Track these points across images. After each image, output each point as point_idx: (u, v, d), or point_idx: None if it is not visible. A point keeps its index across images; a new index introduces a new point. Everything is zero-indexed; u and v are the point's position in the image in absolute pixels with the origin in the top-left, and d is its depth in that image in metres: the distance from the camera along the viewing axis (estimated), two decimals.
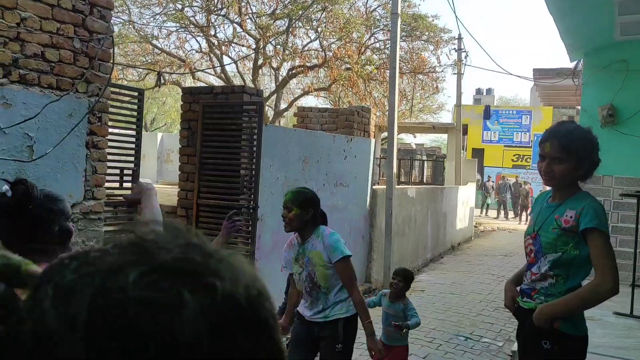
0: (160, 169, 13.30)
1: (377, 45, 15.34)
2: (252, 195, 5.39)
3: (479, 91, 36.62)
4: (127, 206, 4.39)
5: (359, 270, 7.93)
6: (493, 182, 24.10)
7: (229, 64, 15.92)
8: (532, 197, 22.96)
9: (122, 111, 4.85)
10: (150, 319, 0.42)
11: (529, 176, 24.38)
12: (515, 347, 4.05)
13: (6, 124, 3.28)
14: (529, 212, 21.15)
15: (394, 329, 4.07)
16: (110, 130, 4.17)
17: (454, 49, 16.82)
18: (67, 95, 3.62)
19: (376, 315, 4.22)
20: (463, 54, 16.85)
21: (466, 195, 14.51)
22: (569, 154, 2.31)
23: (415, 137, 21.94)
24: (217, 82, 16.05)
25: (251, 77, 15.22)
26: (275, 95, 16.07)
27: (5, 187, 1.74)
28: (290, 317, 3.51)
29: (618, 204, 6.62)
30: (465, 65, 16.93)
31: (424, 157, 27.46)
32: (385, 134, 18.89)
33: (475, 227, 16.40)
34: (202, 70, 15.51)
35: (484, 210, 21.93)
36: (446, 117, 40.64)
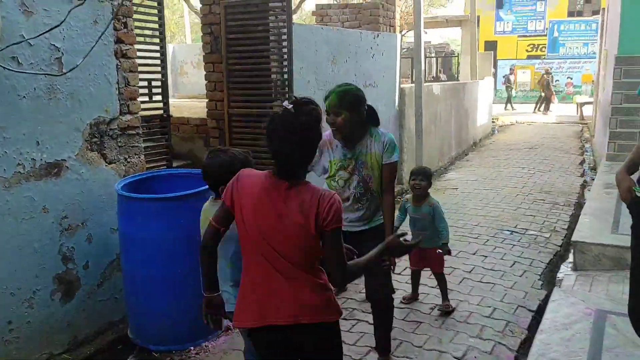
0: (175, 82, 12.64)
1: None
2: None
3: None
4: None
5: None
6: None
7: None
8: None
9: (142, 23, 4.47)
10: None
11: (543, 66, 23.69)
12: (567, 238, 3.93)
13: (30, 35, 2.96)
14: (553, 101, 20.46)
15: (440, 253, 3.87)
16: None
17: None
18: None
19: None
20: None
21: (485, 90, 14.07)
22: None
23: (426, 33, 21.00)
24: None
25: None
26: None
27: (286, 102, 1.79)
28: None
29: None
30: None
31: (433, 54, 26.60)
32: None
33: (493, 122, 16.07)
34: None
35: (508, 105, 21.24)
36: (454, 10, 38.81)
